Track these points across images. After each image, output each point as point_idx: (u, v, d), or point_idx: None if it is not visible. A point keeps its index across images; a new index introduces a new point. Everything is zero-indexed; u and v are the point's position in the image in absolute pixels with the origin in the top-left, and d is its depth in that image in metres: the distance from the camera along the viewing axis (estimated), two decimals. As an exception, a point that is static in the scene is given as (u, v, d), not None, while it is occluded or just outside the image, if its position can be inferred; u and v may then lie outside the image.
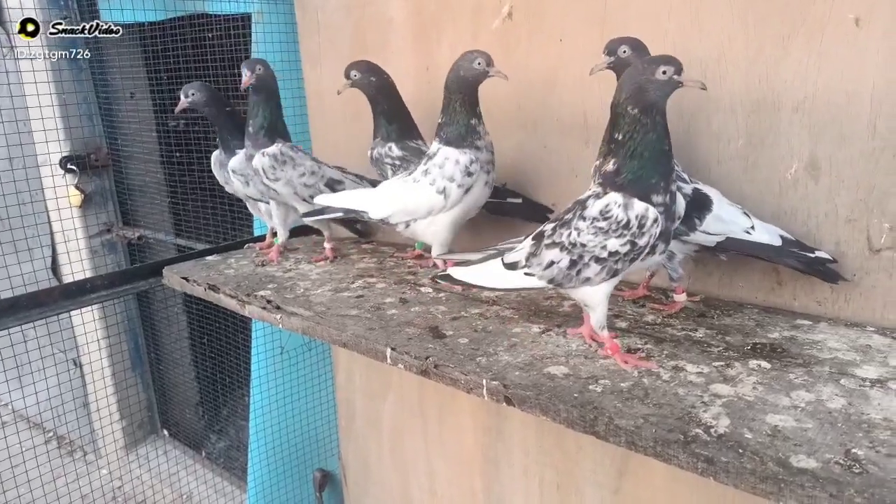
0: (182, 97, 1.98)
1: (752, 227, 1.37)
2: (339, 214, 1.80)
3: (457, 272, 1.40)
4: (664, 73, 1.14)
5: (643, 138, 1.17)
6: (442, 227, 1.67)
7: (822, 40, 1.32)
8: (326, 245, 2.05)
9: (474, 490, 2.31)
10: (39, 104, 2.84)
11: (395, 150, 1.87)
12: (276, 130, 1.89)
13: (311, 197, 1.89)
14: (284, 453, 2.88)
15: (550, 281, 1.27)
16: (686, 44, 1.50)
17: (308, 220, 1.97)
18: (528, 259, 1.29)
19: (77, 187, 3.39)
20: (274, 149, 1.87)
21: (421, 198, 1.63)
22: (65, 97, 3.21)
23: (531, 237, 1.32)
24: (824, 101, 1.34)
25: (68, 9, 3.21)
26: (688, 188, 1.38)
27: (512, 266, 1.31)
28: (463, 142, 1.61)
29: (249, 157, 1.90)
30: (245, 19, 2.49)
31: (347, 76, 1.86)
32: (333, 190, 1.94)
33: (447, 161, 1.61)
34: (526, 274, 1.29)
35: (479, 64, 1.55)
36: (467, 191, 1.62)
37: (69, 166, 3.34)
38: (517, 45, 1.81)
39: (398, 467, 2.60)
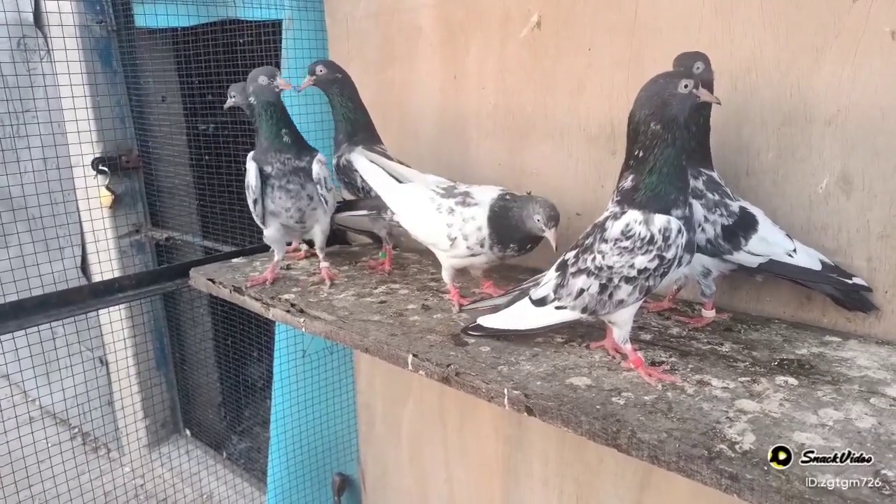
0: (231, 95, 1.92)
1: (795, 250, 1.34)
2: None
3: (486, 321, 1.39)
4: (685, 86, 1.13)
5: (662, 153, 1.16)
6: (446, 262, 1.63)
7: (857, 53, 1.30)
8: (323, 264, 1.90)
9: (493, 499, 2.29)
10: (74, 106, 2.90)
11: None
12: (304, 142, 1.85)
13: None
14: (304, 456, 2.89)
15: (584, 310, 1.24)
16: (717, 55, 1.48)
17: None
18: (556, 291, 1.27)
19: (108, 188, 3.43)
20: (322, 156, 1.82)
21: (432, 232, 1.59)
22: (98, 100, 3.27)
23: (554, 268, 1.30)
24: (858, 115, 1.32)
25: (104, 13, 3.27)
26: (734, 206, 1.36)
27: (541, 302, 1.29)
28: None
29: (295, 170, 1.77)
30: (276, 26, 2.52)
31: (312, 73, 1.85)
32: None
33: (473, 220, 1.52)
34: (557, 308, 1.27)
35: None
36: (474, 255, 1.55)
37: (101, 168, 3.39)
38: (545, 55, 1.81)
39: (417, 474, 2.60)
